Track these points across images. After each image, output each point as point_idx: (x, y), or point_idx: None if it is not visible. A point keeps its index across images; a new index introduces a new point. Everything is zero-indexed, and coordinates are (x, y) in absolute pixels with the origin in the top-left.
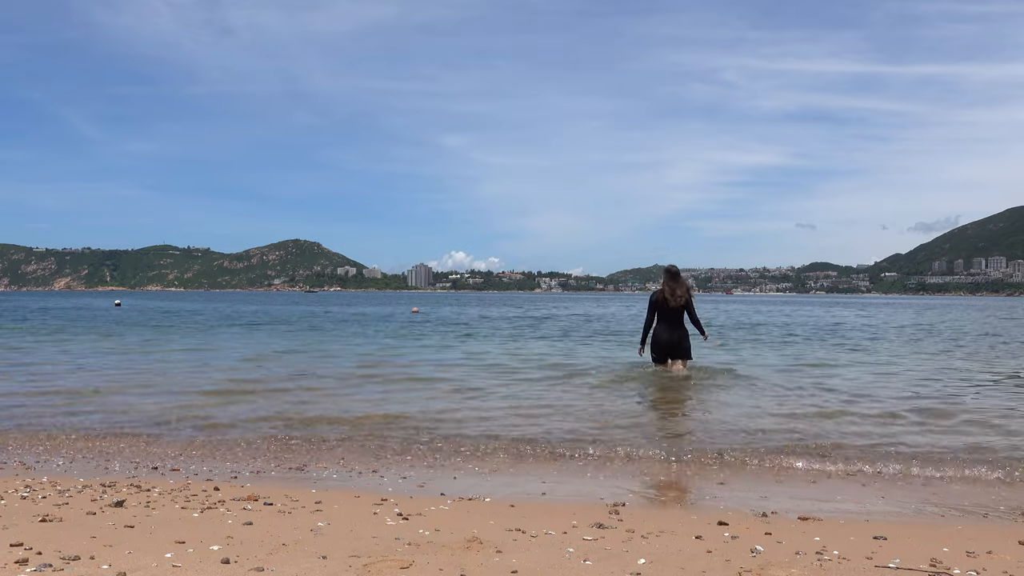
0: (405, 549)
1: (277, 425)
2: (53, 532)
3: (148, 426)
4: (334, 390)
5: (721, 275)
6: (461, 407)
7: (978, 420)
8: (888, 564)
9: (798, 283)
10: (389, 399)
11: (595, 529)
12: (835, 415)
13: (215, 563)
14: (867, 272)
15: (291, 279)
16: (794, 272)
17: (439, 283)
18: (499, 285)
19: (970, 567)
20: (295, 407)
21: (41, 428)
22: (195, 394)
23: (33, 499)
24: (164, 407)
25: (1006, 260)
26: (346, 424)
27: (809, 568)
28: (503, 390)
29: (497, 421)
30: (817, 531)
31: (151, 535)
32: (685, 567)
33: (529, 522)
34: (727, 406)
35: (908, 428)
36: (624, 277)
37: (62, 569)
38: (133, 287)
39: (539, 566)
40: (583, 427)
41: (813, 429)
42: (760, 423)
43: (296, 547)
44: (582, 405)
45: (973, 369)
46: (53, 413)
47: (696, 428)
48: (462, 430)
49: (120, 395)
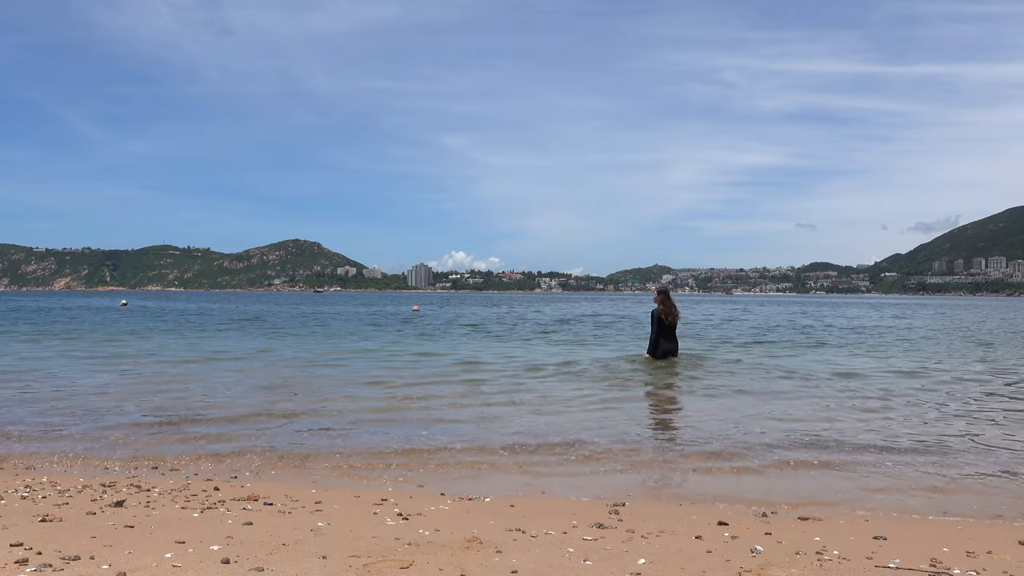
0: (405, 549)
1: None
2: (53, 532)
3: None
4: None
5: (721, 275)
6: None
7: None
8: (888, 564)
9: (798, 283)
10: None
11: (595, 529)
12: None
13: (215, 563)
14: (867, 272)
15: (291, 279)
16: (794, 272)
17: (439, 283)
18: (499, 285)
19: (970, 567)
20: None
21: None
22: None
23: (33, 499)
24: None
25: (1006, 260)
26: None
27: (809, 568)
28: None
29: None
30: (817, 531)
31: (151, 535)
32: (685, 567)
33: (529, 522)
34: (730, 407)
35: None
36: (624, 277)
37: (62, 569)
38: (133, 287)
39: (539, 566)
40: (587, 426)
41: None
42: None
43: (296, 547)
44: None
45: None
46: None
47: (699, 427)
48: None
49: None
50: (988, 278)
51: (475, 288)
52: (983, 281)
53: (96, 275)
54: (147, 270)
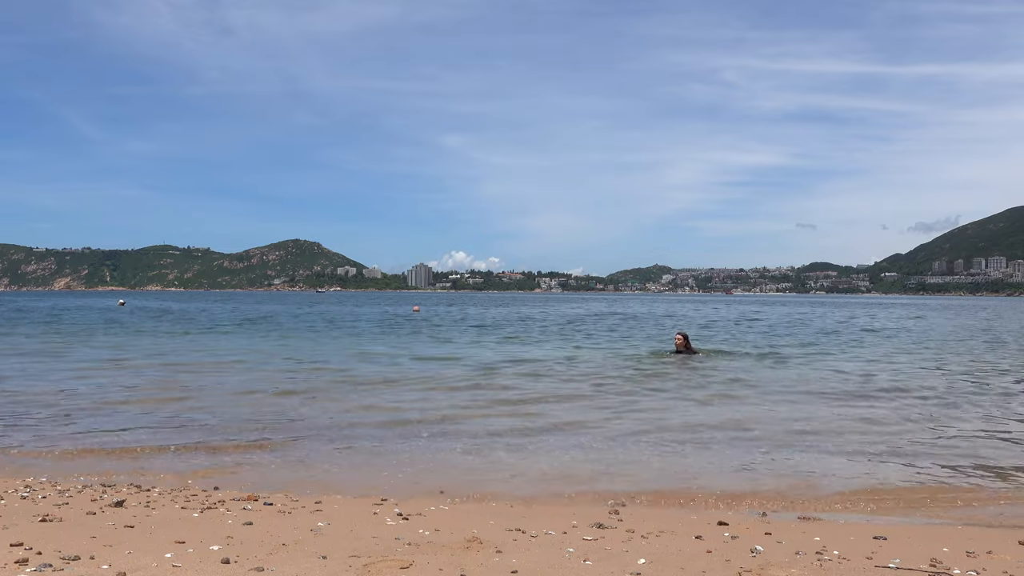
0: (405, 549)
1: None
2: (53, 532)
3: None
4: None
5: (721, 275)
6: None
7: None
8: (888, 564)
9: (798, 283)
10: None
11: (595, 529)
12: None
13: (215, 563)
14: (867, 272)
15: (291, 279)
16: (794, 272)
17: (439, 283)
18: (499, 285)
19: (970, 567)
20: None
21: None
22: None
23: (33, 499)
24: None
25: (1006, 260)
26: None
27: (809, 568)
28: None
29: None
30: (817, 531)
31: (151, 535)
32: (685, 567)
33: (529, 522)
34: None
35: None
36: (624, 277)
37: (62, 569)
38: (133, 287)
39: (539, 566)
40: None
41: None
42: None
43: (296, 547)
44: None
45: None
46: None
47: (706, 426)
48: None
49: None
50: (988, 278)
51: (475, 288)
52: (983, 281)
53: (96, 275)
54: (147, 270)
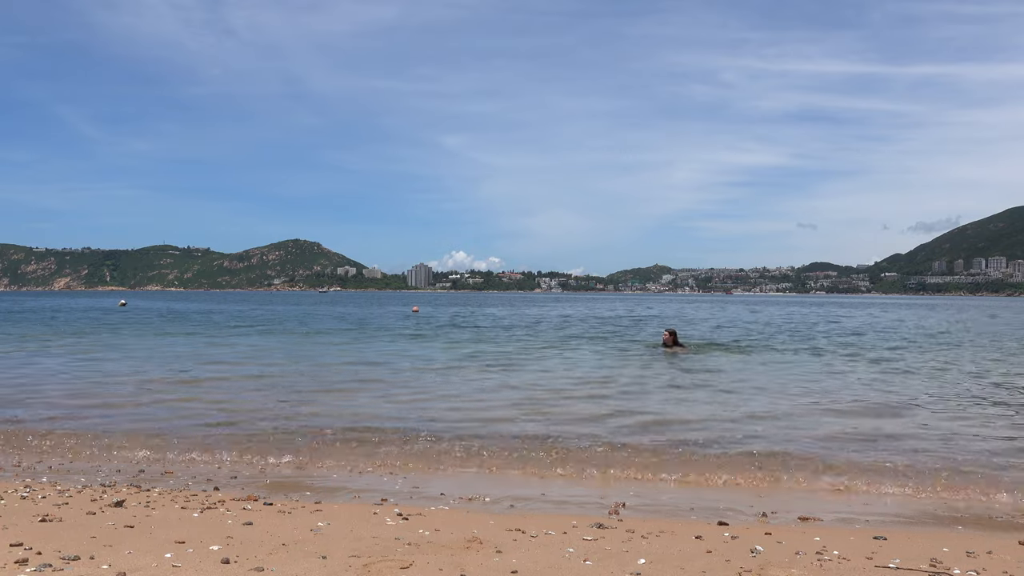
0: (405, 549)
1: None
2: (53, 532)
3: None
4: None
5: (721, 275)
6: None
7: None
8: (888, 564)
9: (798, 283)
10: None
11: (595, 529)
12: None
13: (215, 563)
14: (867, 272)
15: (291, 279)
16: (794, 272)
17: (439, 283)
18: (499, 285)
19: (970, 567)
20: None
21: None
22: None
23: (33, 499)
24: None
25: (1006, 260)
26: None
27: (809, 568)
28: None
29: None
30: (817, 531)
31: (151, 535)
32: (685, 567)
33: (529, 522)
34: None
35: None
36: (624, 277)
37: (62, 569)
38: (133, 287)
39: (539, 566)
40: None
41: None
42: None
43: (296, 547)
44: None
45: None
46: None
47: (703, 426)
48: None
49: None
50: (988, 278)
51: (475, 288)
52: (983, 281)
53: (96, 275)
54: (147, 270)
